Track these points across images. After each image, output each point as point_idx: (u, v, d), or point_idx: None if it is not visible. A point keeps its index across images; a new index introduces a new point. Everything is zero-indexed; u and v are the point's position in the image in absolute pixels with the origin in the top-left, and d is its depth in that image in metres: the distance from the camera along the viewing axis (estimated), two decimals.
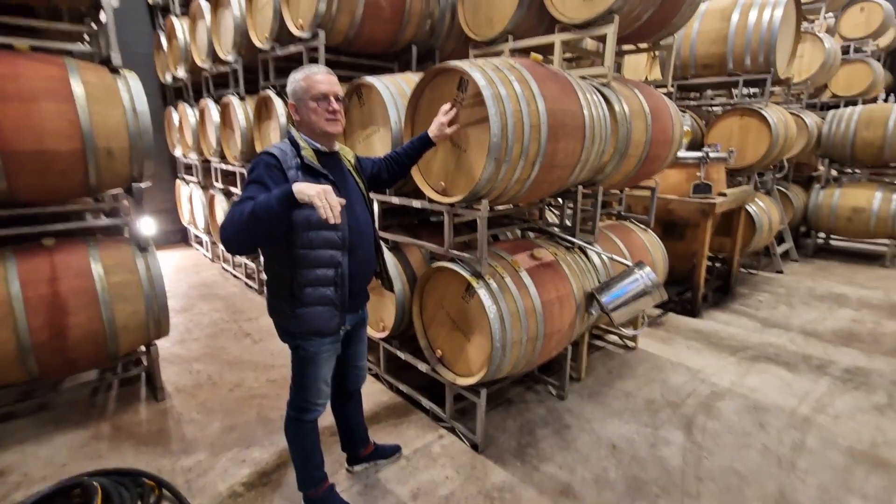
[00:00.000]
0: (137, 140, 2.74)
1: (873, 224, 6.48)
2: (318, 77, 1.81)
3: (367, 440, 2.53)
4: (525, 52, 3.38)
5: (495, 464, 2.58)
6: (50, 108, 2.45)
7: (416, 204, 2.73)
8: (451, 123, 2.24)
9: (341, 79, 4.31)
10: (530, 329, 2.50)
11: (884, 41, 10.35)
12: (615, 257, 2.90)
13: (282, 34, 3.94)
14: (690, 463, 2.61)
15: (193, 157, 6.20)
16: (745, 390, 3.37)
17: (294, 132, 1.88)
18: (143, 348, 3.11)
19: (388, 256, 2.98)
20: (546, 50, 3.35)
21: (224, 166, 5.43)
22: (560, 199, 3.22)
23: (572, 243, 3.03)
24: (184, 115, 6.13)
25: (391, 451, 2.60)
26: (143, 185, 2.91)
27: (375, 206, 3.08)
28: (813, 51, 6.78)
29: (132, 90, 2.75)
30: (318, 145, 1.88)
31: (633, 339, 4.02)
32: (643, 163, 3.20)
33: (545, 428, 2.90)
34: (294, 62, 4.05)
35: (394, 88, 2.81)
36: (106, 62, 2.81)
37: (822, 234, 7.36)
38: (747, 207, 5.31)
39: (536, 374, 3.39)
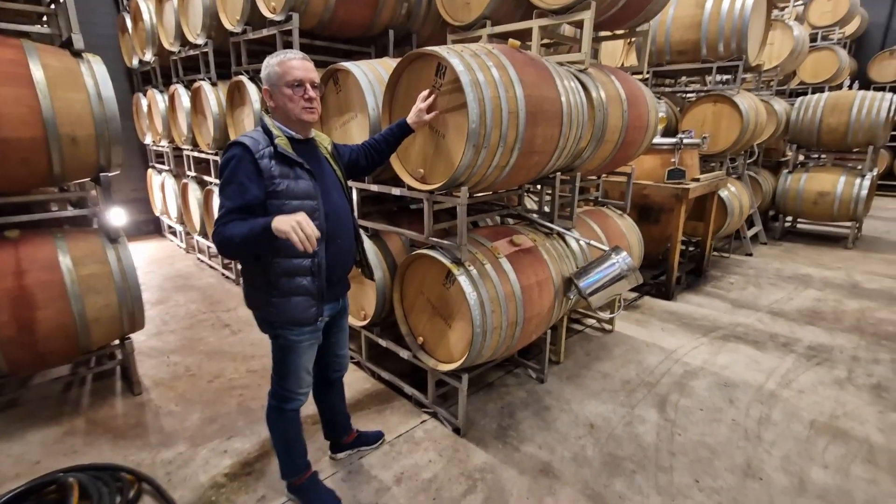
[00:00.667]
0: (104, 127, 2.64)
1: (837, 207, 6.73)
2: (294, 63, 1.77)
3: (349, 428, 2.54)
4: (503, 37, 3.37)
5: (477, 446, 2.63)
6: (8, 93, 2.33)
7: (396, 191, 2.72)
8: (430, 110, 2.23)
9: (317, 64, 4.20)
10: (510, 314, 2.54)
11: (849, 29, 10.68)
12: (593, 242, 2.95)
13: (254, 17, 3.83)
14: (664, 439, 2.72)
15: (164, 145, 6.01)
16: (716, 368, 3.51)
17: (267, 119, 1.83)
18: (117, 342, 3.04)
19: (368, 244, 2.97)
20: (524, 35, 3.35)
21: (196, 154, 5.29)
22: (539, 186, 3.25)
23: (551, 229, 3.07)
24: (153, 101, 5.93)
25: (374, 438, 2.63)
26: (111, 173, 2.82)
27: (354, 194, 3.05)
28: (783, 38, 6.94)
29: (96, 74, 2.64)
30: (293, 133, 1.85)
31: (611, 321, 4.12)
32: (619, 148, 3.24)
33: (525, 410, 2.96)
34: (267, 46, 3.95)
35: (371, 74, 2.77)
36: (67, 45, 2.69)
37: (789, 218, 7.61)
38: (719, 192, 5.45)
39: (517, 358, 3.45)
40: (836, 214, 6.80)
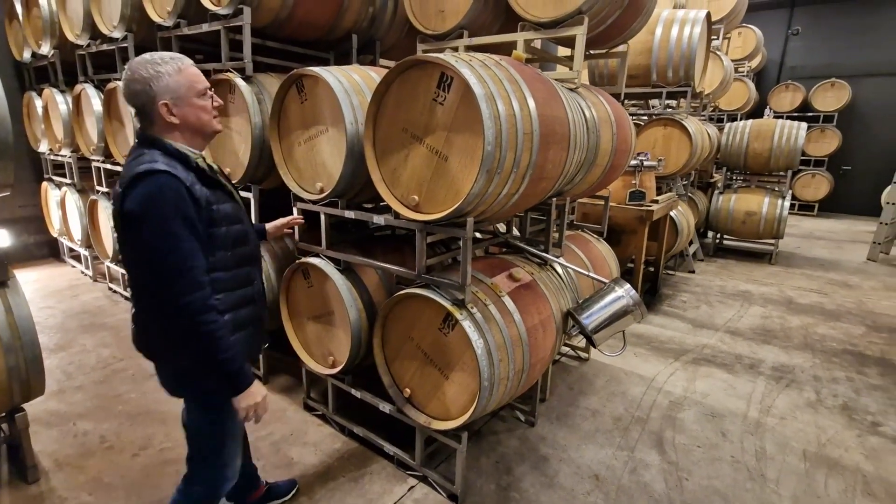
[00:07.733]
0: None
1: (762, 226, 7.24)
2: (193, 69, 1.52)
3: (258, 479, 2.20)
4: (481, 50, 3.10)
5: None
6: None
7: (379, 220, 2.32)
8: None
9: (268, 67, 3.65)
10: (517, 361, 2.23)
11: (754, 63, 11.83)
12: (591, 274, 2.74)
13: (190, 8, 3.23)
14: (673, 487, 2.53)
15: (66, 154, 5.05)
16: (697, 396, 3.43)
17: (168, 140, 1.48)
18: (3, 414, 2.31)
19: (341, 280, 2.53)
20: (503, 49, 3.10)
21: (110, 166, 4.47)
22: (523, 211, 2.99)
23: (544, 259, 2.82)
24: (51, 102, 4.97)
25: (286, 489, 2.31)
26: None
27: (322, 219, 2.61)
28: (713, 68, 7.41)
29: None
30: (198, 151, 1.55)
31: (586, 349, 3.96)
32: (607, 172, 3.09)
33: (523, 463, 2.65)
34: (207, 45, 3.38)
35: (346, 82, 2.37)
36: None
37: (718, 235, 8.10)
38: (671, 213, 5.59)
39: None
40: (762, 232, 7.31)
